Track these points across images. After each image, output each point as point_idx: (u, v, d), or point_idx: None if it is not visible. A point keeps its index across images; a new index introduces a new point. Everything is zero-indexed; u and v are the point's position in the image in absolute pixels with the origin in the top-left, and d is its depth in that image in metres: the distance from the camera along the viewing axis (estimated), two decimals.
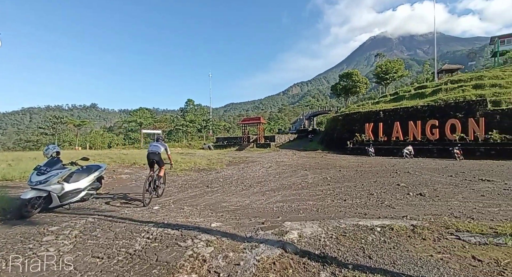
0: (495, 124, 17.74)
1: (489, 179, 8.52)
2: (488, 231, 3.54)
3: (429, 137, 20.23)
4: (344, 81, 47.68)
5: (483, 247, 3.05)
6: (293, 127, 52.13)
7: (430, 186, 7.67)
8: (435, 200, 6.07)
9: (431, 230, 3.67)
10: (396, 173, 10.49)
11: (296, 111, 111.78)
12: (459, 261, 2.74)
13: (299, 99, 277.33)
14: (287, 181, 9.18)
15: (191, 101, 68.73)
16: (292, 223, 4.18)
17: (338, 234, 3.60)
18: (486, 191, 6.83)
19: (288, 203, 5.98)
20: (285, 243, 3.24)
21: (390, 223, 4.02)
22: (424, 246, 3.16)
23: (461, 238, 3.35)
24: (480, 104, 19.01)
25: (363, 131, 24.11)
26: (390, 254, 2.95)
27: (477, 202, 5.72)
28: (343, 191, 7.35)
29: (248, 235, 3.62)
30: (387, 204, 5.74)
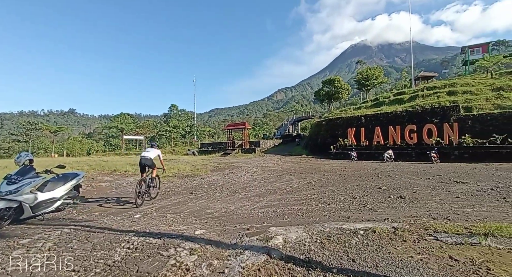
0: (468, 129, 18.73)
1: (463, 181, 8.94)
2: (463, 231, 3.69)
3: (408, 142, 21.00)
4: (327, 87, 48.78)
5: (459, 247, 3.17)
6: (278, 133, 52.51)
7: (409, 189, 7.94)
8: (414, 202, 6.28)
9: (411, 232, 3.78)
10: (377, 177, 10.77)
11: (280, 117, 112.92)
12: (437, 261, 2.84)
13: (283, 105, 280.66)
14: (272, 186, 9.18)
15: (175, 106, 67.69)
16: (277, 228, 4.17)
17: (322, 238, 3.62)
18: (460, 193, 7.16)
19: (273, 208, 5.98)
20: (270, 249, 3.22)
21: (372, 226, 4.10)
22: (404, 247, 3.24)
23: (439, 238, 3.47)
24: (454, 110, 20.02)
25: (346, 136, 24.68)
26: (373, 256, 3.01)
27: (452, 203, 5.98)
28: (327, 195, 7.45)
29: (233, 242, 3.57)
30: (369, 207, 5.87)
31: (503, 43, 55.95)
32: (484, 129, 18.02)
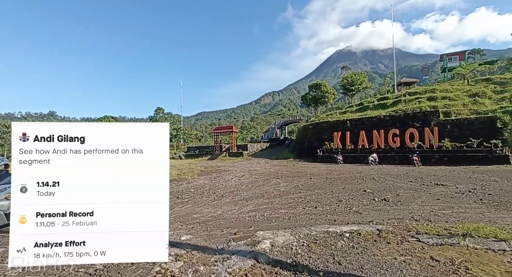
0: (447, 133, 19.50)
1: (443, 184, 9.29)
2: (443, 232, 3.82)
3: (392, 145, 21.60)
4: (313, 92, 49.54)
5: (439, 248, 3.28)
6: (265, 136, 52.71)
7: (393, 191, 8.15)
8: (397, 204, 6.46)
9: (395, 234, 3.87)
10: (362, 180, 11.00)
11: (268, 120, 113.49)
12: (419, 262, 2.92)
13: (271, 109, 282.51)
14: (259, 190, 9.18)
15: (161, 109, 66.61)
16: (264, 232, 4.17)
17: (309, 242, 3.65)
18: (441, 195, 7.42)
19: (261, 212, 5.97)
20: (257, 253, 3.21)
21: (358, 228, 4.18)
22: (388, 249, 3.32)
23: (420, 240, 3.58)
24: (434, 115, 20.82)
25: (332, 140, 25.08)
26: (358, 259, 3.06)
27: (433, 205, 6.19)
28: (314, 198, 7.53)
29: (220, 247, 3.53)
30: (355, 210, 5.97)
31: (478, 52, 59.05)
32: (462, 134, 18.83)
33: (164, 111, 66.93)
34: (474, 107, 21.65)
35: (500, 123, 18.09)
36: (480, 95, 23.53)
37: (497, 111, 19.32)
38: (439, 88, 28.53)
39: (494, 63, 39.41)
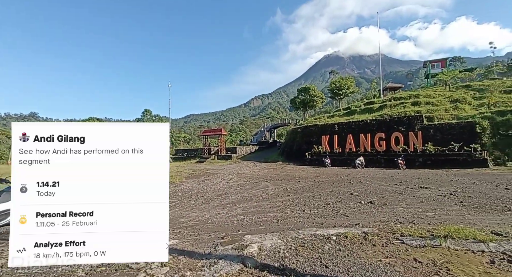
0: (430, 137, 20.15)
1: (426, 187, 9.57)
2: (426, 234, 3.93)
3: (378, 149, 22.10)
4: (302, 95, 50.13)
5: (422, 249, 3.37)
6: (254, 139, 52.76)
7: (379, 194, 8.32)
8: (383, 207, 6.60)
9: (380, 236, 3.95)
10: (349, 183, 11.18)
11: (257, 123, 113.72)
12: (403, 264, 2.99)
13: (260, 112, 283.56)
14: (248, 193, 9.16)
15: (149, 111, 65.61)
16: (252, 236, 4.16)
17: (297, 245, 3.67)
18: (424, 197, 7.64)
19: (249, 216, 5.96)
20: (245, 258, 3.19)
21: (344, 231, 4.23)
22: (374, 252, 3.38)
23: (405, 242, 3.67)
24: (418, 120, 21.49)
25: (320, 143, 25.41)
26: (345, 262, 3.10)
27: (417, 208, 6.36)
28: (302, 201, 7.59)
29: (207, 252, 3.49)
30: (342, 213, 6.06)
31: (459, 59, 61.62)
32: (444, 138, 19.51)
33: (152, 113, 65.99)
34: (455, 113, 22.51)
35: (479, 128, 18.87)
36: (461, 101, 24.49)
37: (476, 117, 20.16)
38: (423, 93, 29.52)
39: (473, 70, 41.19)
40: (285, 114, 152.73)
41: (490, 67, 48.06)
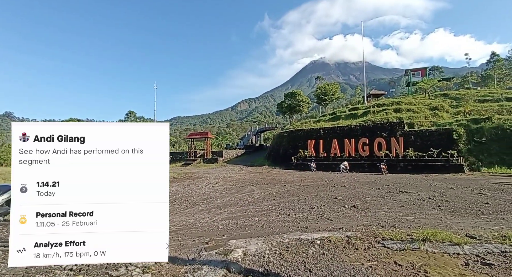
0: (411, 143, 20.87)
1: (407, 191, 9.88)
2: (406, 237, 4.05)
3: (361, 154, 22.62)
4: (289, 100, 50.66)
5: (402, 253, 3.48)
6: (241, 143, 52.65)
7: (362, 199, 8.51)
8: (366, 211, 6.75)
9: (363, 240, 4.04)
10: (334, 187, 11.37)
11: (244, 127, 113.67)
12: (384, 267, 3.07)
13: (247, 115, 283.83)
14: (233, 197, 9.11)
15: (133, 113, 64.08)
16: (237, 241, 4.14)
17: (281, 249, 3.68)
18: (405, 202, 7.89)
19: (234, 220, 5.92)
20: (229, 263, 3.17)
21: (328, 235, 4.29)
22: (356, 255, 3.45)
23: (386, 245, 3.77)
24: (399, 126, 22.24)
25: (306, 147, 25.70)
26: (328, 265, 3.14)
27: (398, 212, 6.55)
28: (288, 205, 7.63)
29: (191, 257, 3.44)
30: (326, 217, 6.14)
31: (437, 69, 64.43)
32: (424, 144, 20.26)
33: (136, 115, 64.56)
34: (434, 120, 23.50)
35: (456, 135, 19.76)
36: (439, 108, 25.61)
37: (453, 124, 21.13)
38: (404, 101, 30.63)
39: (450, 80, 43.30)
40: (272, 118, 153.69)
41: (465, 77, 50.70)
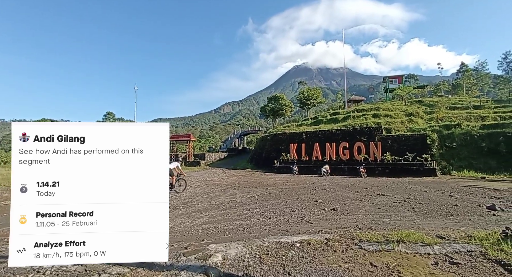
0: (388, 147, 21.71)
1: (384, 194, 10.25)
2: (382, 239, 4.20)
3: (342, 158, 23.21)
4: (272, 104, 51.14)
5: (378, 254, 3.59)
6: (224, 146, 52.37)
7: (341, 201, 8.71)
8: (345, 214, 6.91)
9: (341, 242, 4.13)
10: (315, 190, 11.56)
11: (227, 130, 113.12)
12: (360, 268, 3.15)
13: (230, 118, 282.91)
14: (215, 201, 9.02)
15: (111, 114, 61.85)
16: (217, 245, 4.09)
17: (261, 253, 3.69)
18: (382, 204, 8.17)
19: (215, 224, 5.86)
20: (208, 268, 3.13)
21: (308, 238, 4.35)
22: (334, 257, 3.52)
23: (362, 247, 3.87)
24: (378, 131, 23.08)
25: (289, 151, 25.99)
26: (307, 268, 3.18)
27: (375, 214, 6.77)
28: (269, 209, 7.66)
29: (168, 263, 3.35)
30: (306, 220, 6.22)
31: (413, 77, 67.72)
32: (400, 148, 21.15)
33: (115, 116, 62.43)
34: (410, 125, 24.61)
35: (429, 140, 20.79)
36: (414, 115, 26.88)
37: (427, 130, 22.23)
38: (382, 106, 31.87)
39: (424, 87, 45.60)
40: (255, 121, 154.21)
41: (438, 86, 53.60)
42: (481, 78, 42.55)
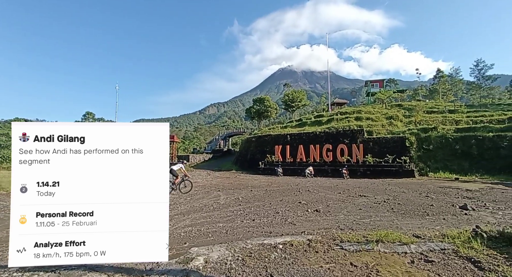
0: (370, 149, 22.36)
1: (365, 195, 10.53)
2: (362, 239, 4.30)
3: (325, 159, 23.65)
4: (257, 105, 51.29)
5: (358, 254, 3.68)
6: (208, 147, 51.89)
7: (324, 203, 8.86)
8: (327, 215, 7.03)
9: (322, 243, 4.19)
10: (299, 192, 11.68)
11: (212, 131, 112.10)
12: (341, 268, 3.22)
13: (215, 119, 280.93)
14: (198, 203, 8.90)
15: (91, 114, 59.58)
16: (199, 248, 4.03)
17: (244, 255, 3.67)
18: (362, 205, 8.38)
19: (197, 227, 5.78)
20: (190, 271, 3.08)
21: (290, 239, 4.39)
22: (316, 258, 3.57)
23: (343, 247, 3.95)
24: (360, 133, 23.72)
25: (273, 152, 26.16)
26: (289, 269, 3.20)
27: (356, 215, 6.94)
28: (253, 211, 7.65)
29: (148, 267, 3.27)
30: (289, 221, 6.27)
31: (393, 81, 70.17)
32: (381, 150, 21.84)
33: (95, 117, 60.25)
34: (390, 128, 25.47)
35: (408, 143, 21.61)
36: (394, 118, 27.86)
37: (406, 133, 23.09)
38: (364, 110, 32.81)
39: (404, 92, 47.42)
40: (240, 123, 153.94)
41: (416, 90, 55.83)
42: (455, 84, 44.77)
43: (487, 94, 48.29)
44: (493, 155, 19.50)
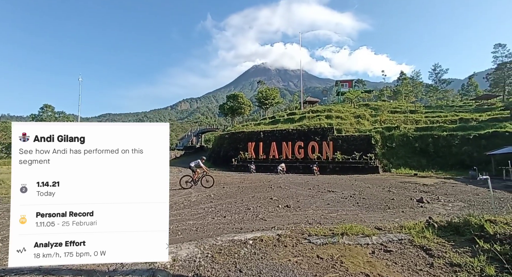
0: (339, 147, 23.32)
1: (333, 190, 10.98)
2: (328, 233, 4.49)
3: (297, 156, 24.23)
4: (231, 102, 50.97)
5: (324, 247, 3.84)
6: (180, 144, 50.56)
7: (295, 198, 9.10)
8: (297, 210, 7.23)
9: (291, 237, 4.31)
10: (271, 188, 11.86)
11: (184, 127, 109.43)
12: (308, 261, 3.33)
13: (188, 115, 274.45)
14: (168, 201, 8.67)
15: (49, 107, 54.81)
16: None
17: (214, 252, 3.66)
18: (331, 200, 8.75)
19: None
20: (156, 270, 2.99)
21: (261, 235, 4.45)
22: (285, 252, 3.66)
23: (311, 241, 4.10)
24: (330, 131, 24.62)
25: (247, 149, 26.22)
26: (258, 264, 3.25)
27: (324, 210, 7.22)
28: (224, 207, 7.63)
29: (112, 268, 3.12)
30: (260, 217, 6.36)
31: (361, 82, 73.68)
32: (349, 148, 22.88)
33: (54, 110, 55.68)
34: (357, 127, 26.75)
35: (373, 141, 22.87)
36: (362, 117, 29.30)
37: (372, 131, 24.43)
38: (334, 108, 34.07)
39: (370, 92, 50.03)
40: (213, 119, 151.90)
41: (382, 91, 59.22)
42: (416, 86, 48.28)
43: (443, 97, 52.75)
44: (446, 152, 21.40)
